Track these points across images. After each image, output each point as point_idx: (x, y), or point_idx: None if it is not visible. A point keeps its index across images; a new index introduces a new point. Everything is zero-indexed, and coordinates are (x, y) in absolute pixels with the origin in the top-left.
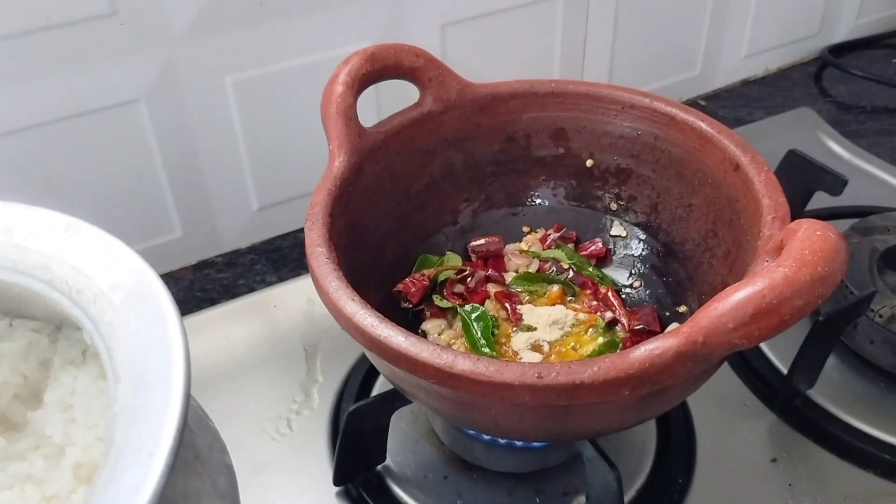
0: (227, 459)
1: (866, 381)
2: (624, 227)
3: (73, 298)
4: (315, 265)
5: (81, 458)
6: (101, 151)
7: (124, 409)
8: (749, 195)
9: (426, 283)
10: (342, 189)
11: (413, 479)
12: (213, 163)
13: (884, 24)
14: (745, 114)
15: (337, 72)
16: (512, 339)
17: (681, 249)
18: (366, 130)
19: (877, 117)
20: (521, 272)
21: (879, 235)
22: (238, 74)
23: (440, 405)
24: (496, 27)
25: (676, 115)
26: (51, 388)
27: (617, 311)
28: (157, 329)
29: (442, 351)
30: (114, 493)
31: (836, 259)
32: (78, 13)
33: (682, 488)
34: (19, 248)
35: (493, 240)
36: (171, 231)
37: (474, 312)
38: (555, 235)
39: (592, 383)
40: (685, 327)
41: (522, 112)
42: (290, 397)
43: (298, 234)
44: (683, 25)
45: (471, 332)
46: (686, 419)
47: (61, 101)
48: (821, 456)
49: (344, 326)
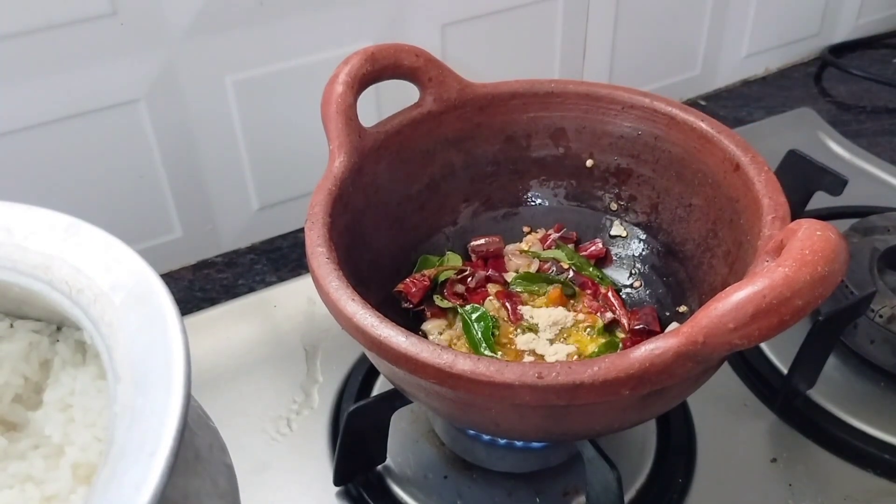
0: (227, 459)
1: (866, 381)
2: (624, 227)
3: (74, 298)
4: (315, 265)
5: (80, 458)
6: (101, 151)
7: (124, 408)
8: (749, 195)
9: (427, 283)
10: (342, 189)
11: (413, 479)
12: (213, 163)
13: (884, 24)
14: (745, 114)
15: (337, 72)
16: (515, 339)
17: (681, 249)
18: (366, 130)
19: (877, 117)
20: (522, 272)
21: (879, 235)
22: (238, 74)
23: (440, 405)
24: (496, 27)
25: (676, 115)
26: (50, 389)
27: (617, 311)
28: (157, 329)
29: (442, 351)
30: (114, 492)
31: (836, 259)
32: (78, 13)
33: (682, 488)
34: (19, 248)
35: (493, 240)
36: (170, 231)
37: (475, 313)
38: (555, 236)
39: (592, 383)
40: (685, 327)
41: (522, 112)
42: (290, 397)
43: (298, 234)
44: (683, 25)
45: (471, 332)
46: (686, 419)
47: (61, 101)
48: (821, 456)
49: (344, 326)
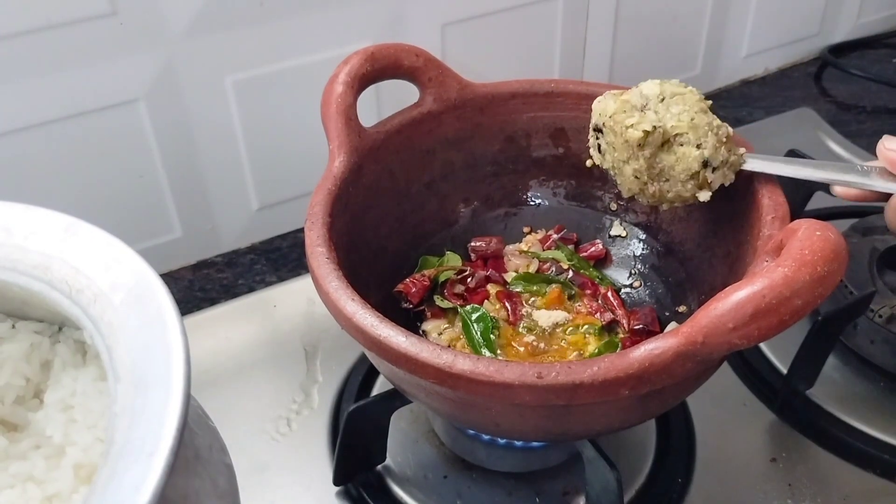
0: (227, 459)
1: (866, 381)
2: (624, 227)
3: (73, 298)
4: (315, 265)
5: (81, 459)
6: (101, 151)
7: (124, 408)
8: (749, 195)
9: (427, 283)
10: (342, 189)
11: (413, 479)
12: (213, 163)
13: (884, 24)
14: (745, 114)
15: (337, 72)
16: (513, 340)
17: (681, 249)
18: (366, 130)
19: (877, 117)
20: (521, 272)
21: (879, 235)
22: (238, 74)
23: (440, 405)
24: (496, 27)
25: None
26: (51, 389)
27: (616, 311)
28: (157, 329)
29: (442, 351)
30: (114, 492)
31: (835, 259)
32: (78, 13)
33: (682, 488)
34: (19, 248)
35: (493, 240)
36: (170, 231)
37: (474, 313)
38: (555, 237)
39: (592, 383)
40: (685, 327)
41: (522, 112)
42: (290, 397)
43: (298, 234)
44: (683, 25)
45: (470, 332)
46: (686, 419)
47: (61, 101)
48: (821, 456)
49: (344, 326)
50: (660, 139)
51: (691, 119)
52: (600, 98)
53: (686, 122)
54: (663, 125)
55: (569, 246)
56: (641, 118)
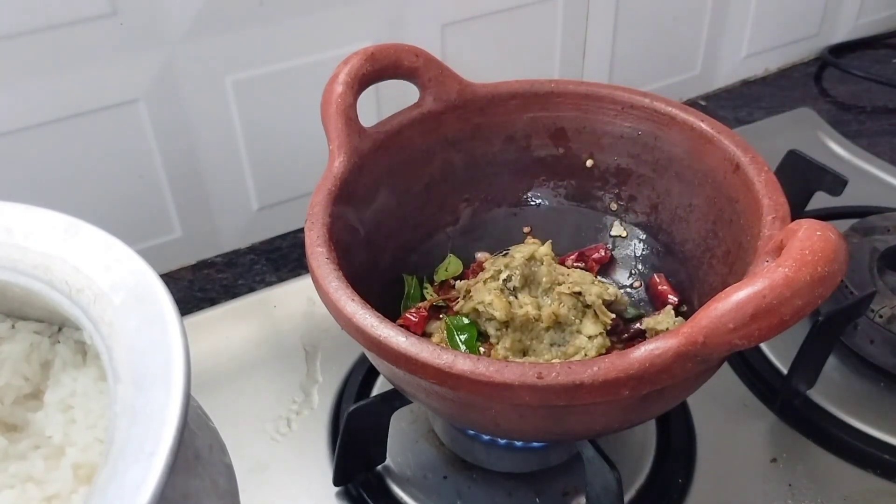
0: (227, 459)
1: (866, 381)
2: (624, 228)
3: (74, 298)
4: (315, 265)
5: (81, 459)
6: (101, 151)
7: (124, 409)
8: (749, 195)
9: (425, 313)
10: (342, 189)
11: (413, 479)
12: (213, 163)
13: (884, 24)
14: (745, 114)
15: (337, 72)
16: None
17: (681, 249)
18: (366, 130)
19: (877, 117)
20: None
21: (879, 235)
22: (238, 74)
23: (440, 405)
24: (496, 27)
25: (676, 115)
26: (51, 389)
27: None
28: (157, 329)
29: (442, 351)
30: (114, 492)
31: (836, 259)
32: (78, 13)
33: (682, 488)
34: (19, 248)
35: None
36: (170, 231)
37: (459, 324)
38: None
39: (592, 383)
40: (685, 327)
41: (522, 112)
42: (290, 397)
43: (298, 234)
44: (683, 25)
45: (455, 342)
46: (686, 419)
47: (61, 101)
48: (820, 456)
49: (344, 326)
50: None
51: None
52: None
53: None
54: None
55: (579, 264)
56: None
